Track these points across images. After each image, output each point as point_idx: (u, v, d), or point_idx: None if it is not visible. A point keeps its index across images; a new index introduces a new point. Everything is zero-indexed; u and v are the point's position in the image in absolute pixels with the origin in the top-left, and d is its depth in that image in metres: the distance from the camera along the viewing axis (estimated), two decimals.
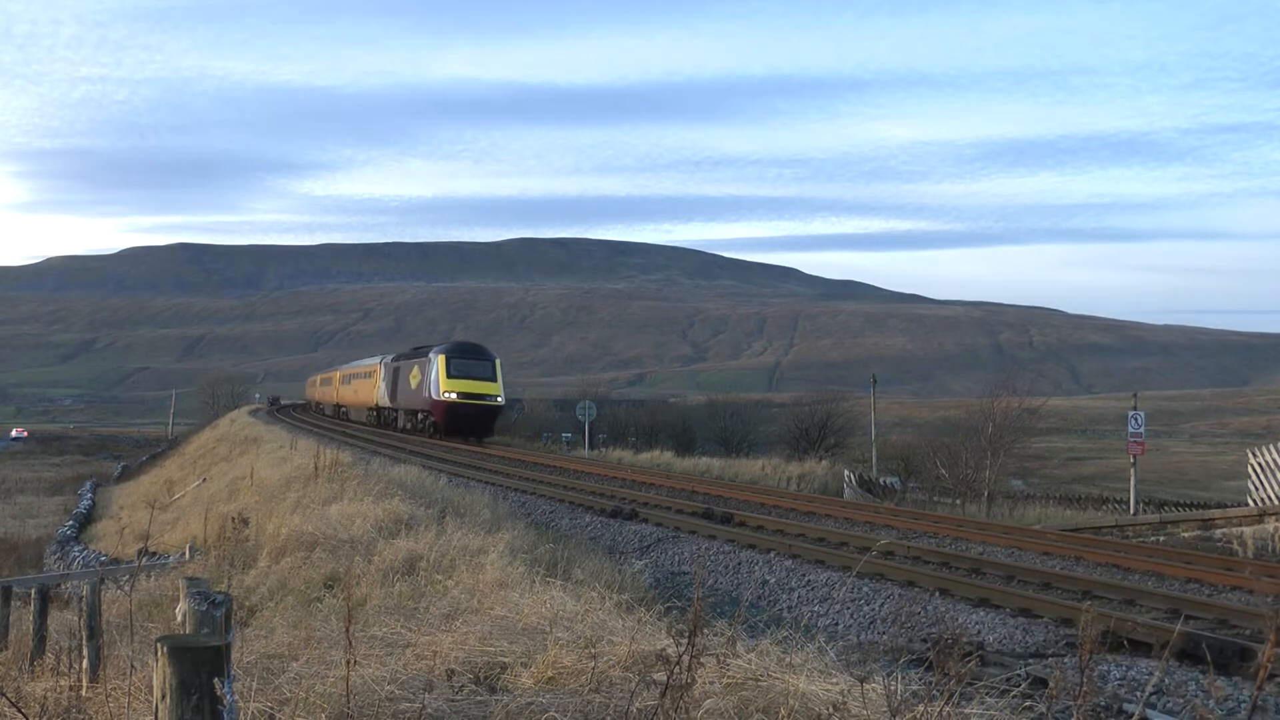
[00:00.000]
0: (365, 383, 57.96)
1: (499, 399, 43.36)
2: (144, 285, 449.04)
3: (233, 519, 15.62)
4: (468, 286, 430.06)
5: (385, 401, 51.99)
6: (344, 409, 65.59)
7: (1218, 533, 20.36)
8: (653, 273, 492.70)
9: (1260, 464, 23.56)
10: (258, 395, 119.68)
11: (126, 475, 63.38)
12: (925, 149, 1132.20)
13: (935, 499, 36.47)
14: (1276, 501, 22.13)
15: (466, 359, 43.32)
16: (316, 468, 20.28)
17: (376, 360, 57.69)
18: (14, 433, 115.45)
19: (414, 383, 45.57)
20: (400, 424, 49.09)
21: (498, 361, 44.28)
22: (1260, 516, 20.06)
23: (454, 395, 41.56)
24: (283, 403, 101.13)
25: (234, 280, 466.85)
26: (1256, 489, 23.50)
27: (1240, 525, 20.12)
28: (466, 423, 42.14)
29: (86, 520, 42.71)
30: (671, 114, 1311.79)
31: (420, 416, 45.28)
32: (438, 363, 42.33)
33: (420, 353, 47.39)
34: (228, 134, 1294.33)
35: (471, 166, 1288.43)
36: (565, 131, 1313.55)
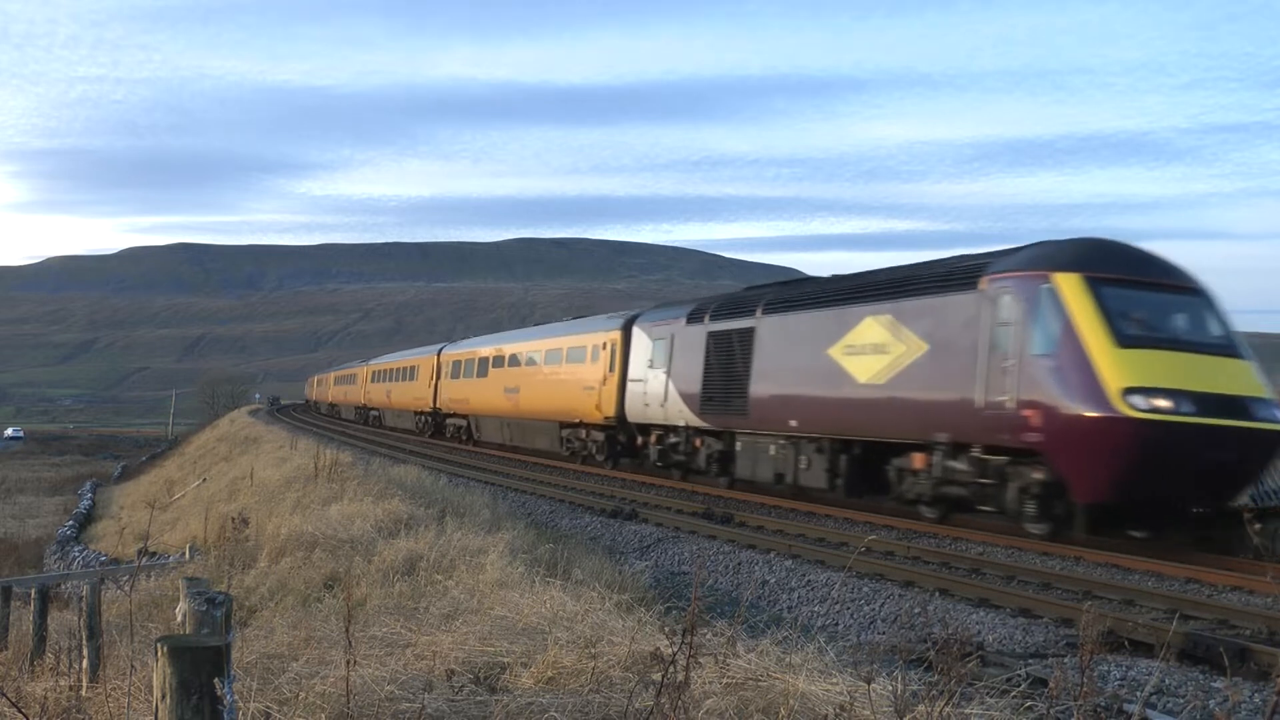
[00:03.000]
0: (544, 375, 31.10)
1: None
2: (143, 285, 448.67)
3: (233, 519, 15.58)
4: (468, 286, 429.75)
5: (668, 414, 23.48)
6: (453, 420, 40.29)
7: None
8: (653, 273, 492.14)
9: None
10: (257, 395, 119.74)
11: (126, 475, 63.32)
12: (924, 149, 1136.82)
13: None
14: (1276, 501, 22.11)
15: (1147, 287, 14.44)
16: (316, 468, 20.30)
17: (610, 327, 27.24)
18: (9, 432, 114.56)
19: (876, 366, 16.75)
20: (761, 470, 20.29)
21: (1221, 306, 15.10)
22: (1260, 516, 20.05)
23: (1166, 402, 13.22)
24: (282, 403, 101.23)
25: (233, 280, 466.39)
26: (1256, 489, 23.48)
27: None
28: (1205, 479, 13.98)
29: (86, 520, 42.66)
30: (670, 114, 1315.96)
31: (955, 463, 15.40)
32: (1064, 300, 13.90)
33: (914, 282, 16.68)
34: (226, 134, 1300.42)
35: (471, 166, 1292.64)
36: (564, 131, 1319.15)
